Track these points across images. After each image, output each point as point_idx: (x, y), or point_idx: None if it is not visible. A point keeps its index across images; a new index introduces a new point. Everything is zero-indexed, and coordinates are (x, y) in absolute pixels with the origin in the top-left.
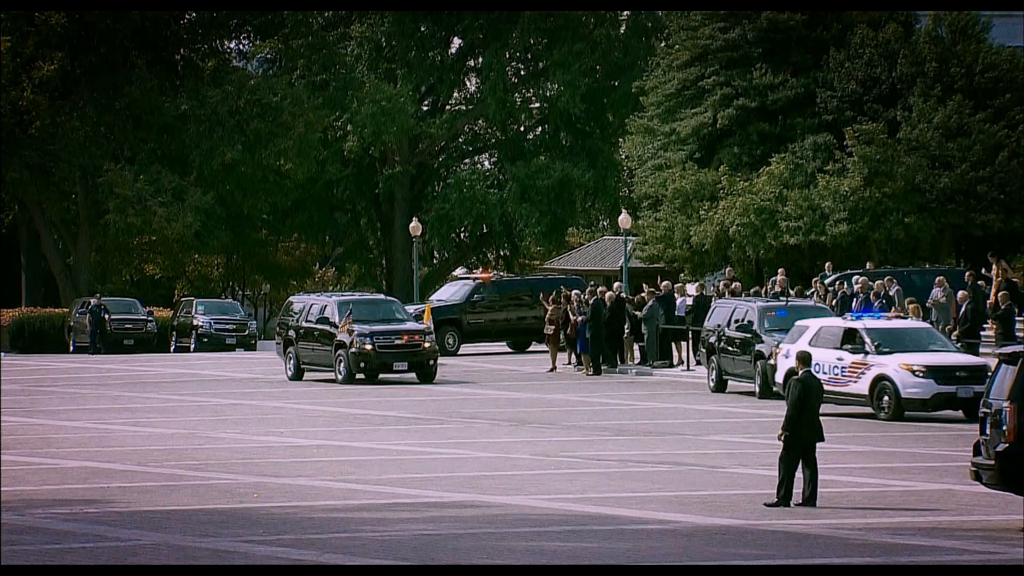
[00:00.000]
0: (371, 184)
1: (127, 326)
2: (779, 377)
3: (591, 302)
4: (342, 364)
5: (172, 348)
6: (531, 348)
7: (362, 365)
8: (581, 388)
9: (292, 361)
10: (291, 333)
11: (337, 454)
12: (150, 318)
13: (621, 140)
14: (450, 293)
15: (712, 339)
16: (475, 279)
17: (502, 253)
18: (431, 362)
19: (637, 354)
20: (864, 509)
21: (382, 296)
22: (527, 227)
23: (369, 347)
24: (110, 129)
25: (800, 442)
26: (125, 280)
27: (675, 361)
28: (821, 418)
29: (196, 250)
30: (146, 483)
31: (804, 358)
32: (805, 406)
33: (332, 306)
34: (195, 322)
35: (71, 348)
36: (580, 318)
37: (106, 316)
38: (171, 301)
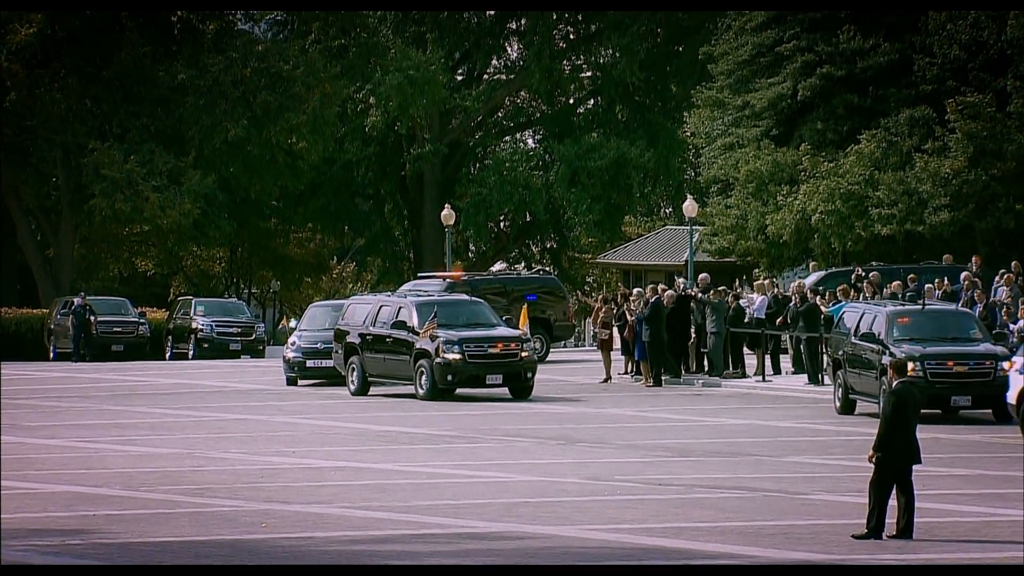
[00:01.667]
0: (397, 166)
1: (116, 329)
2: (1011, 396)
3: (650, 302)
4: (424, 377)
5: (167, 355)
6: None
7: (449, 378)
8: (639, 401)
9: (356, 373)
10: (354, 340)
11: (357, 477)
12: (142, 320)
13: (686, 115)
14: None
15: (839, 351)
16: (445, 278)
17: (548, 245)
18: (529, 375)
19: (689, 362)
20: (967, 542)
21: (467, 297)
22: (577, 215)
23: (457, 356)
24: (96, 102)
25: (894, 464)
26: (113, 276)
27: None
28: (919, 436)
29: (195, 242)
30: (137, 511)
31: (899, 366)
32: (900, 422)
33: (410, 308)
34: (194, 325)
35: (51, 355)
36: (630, 319)
37: (91, 318)
38: (166, 300)
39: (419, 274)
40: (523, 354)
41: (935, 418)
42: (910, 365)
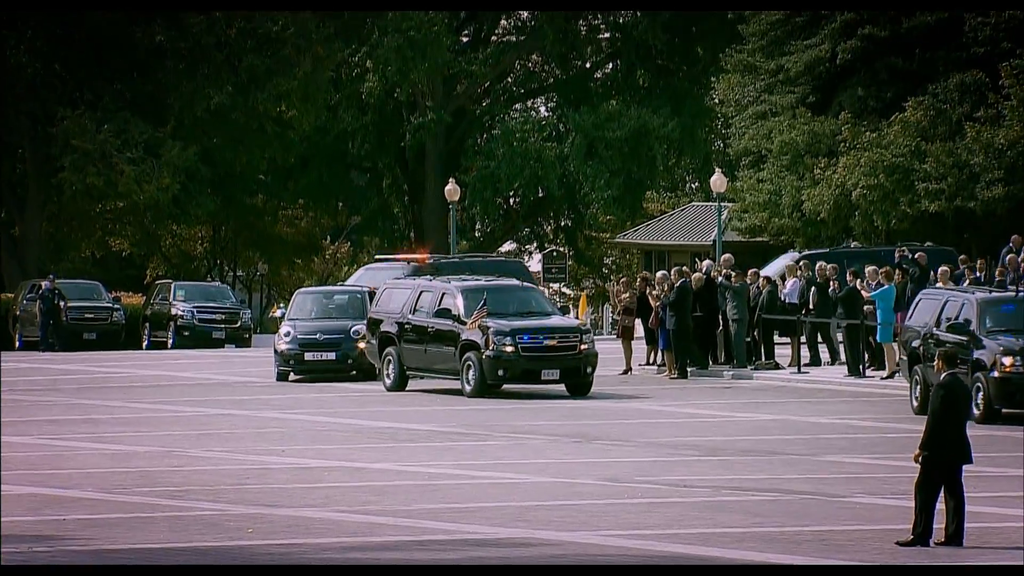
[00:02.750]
0: (396, 136)
1: (87, 316)
2: None
3: (676, 286)
4: (471, 371)
5: (144, 344)
6: None
7: (500, 373)
8: (662, 395)
9: (392, 366)
10: (390, 330)
11: (353, 478)
12: (116, 306)
13: (713, 80)
14: (384, 277)
15: (916, 343)
16: (410, 261)
17: (562, 224)
18: (588, 370)
19: (717, 352)
20: (1022, 550)
21: (517, 282)
22: (594, 191)
23: (510, 348)
24: (66, 66)
25: (942, 464)
26: (85, 257)
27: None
28: (969, 434)
29: (174, 219)
30: (111, 515)
31: (948, 356)
32: (949, 418)
33: (455, 295)
34: (174, 311)
35: (17, 343)
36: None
37: (61, 303)
38: (143, 284)
39: (377, 256)
40: (582, 347)
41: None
42: (1007, 360)
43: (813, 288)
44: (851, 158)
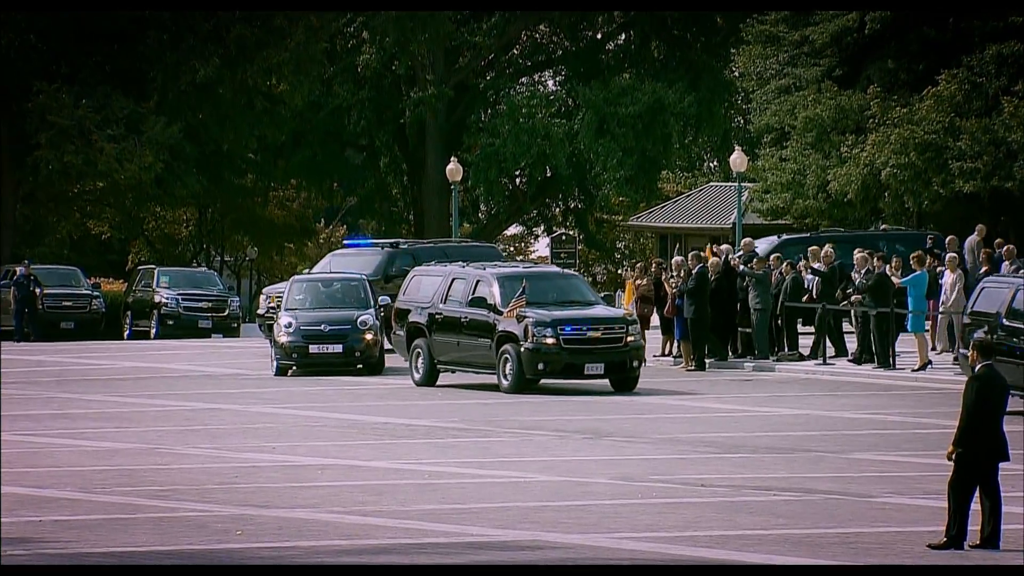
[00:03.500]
0: (394, 112)
1: (65, 304)
2: None
3: (694, 272)
4: (508, 365)
5: (126, 334)
6: None
7: (540, 367)
8: (678, 388)
9: (422, 359)
10: (420, 320)
11: (349, 476)
12: (96, 293)
13: (733, 52)
14: (358, 265)
15: (980, 333)
16: (383, 245)
17: (572, 206)
18: (635, 363)
19: (736, 343)
20: None
21: (557, 269)
22: (606, 170)
23: (551, 341)
24: (42, 37)
25: (977, 463)
26: (62, 241)
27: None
28: (1007, 430)
29: (158, 201)
30: (91, 516)
31: (984, 347)
32: (984, 413)
33: (491, 282)
34: (157, 298)
35: None
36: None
37: (37, 290)
38: (124, 270)
39: (345, 241)
40: (628, 338)
41: None
42: None
43: (816, 276)
44: (880, 135)
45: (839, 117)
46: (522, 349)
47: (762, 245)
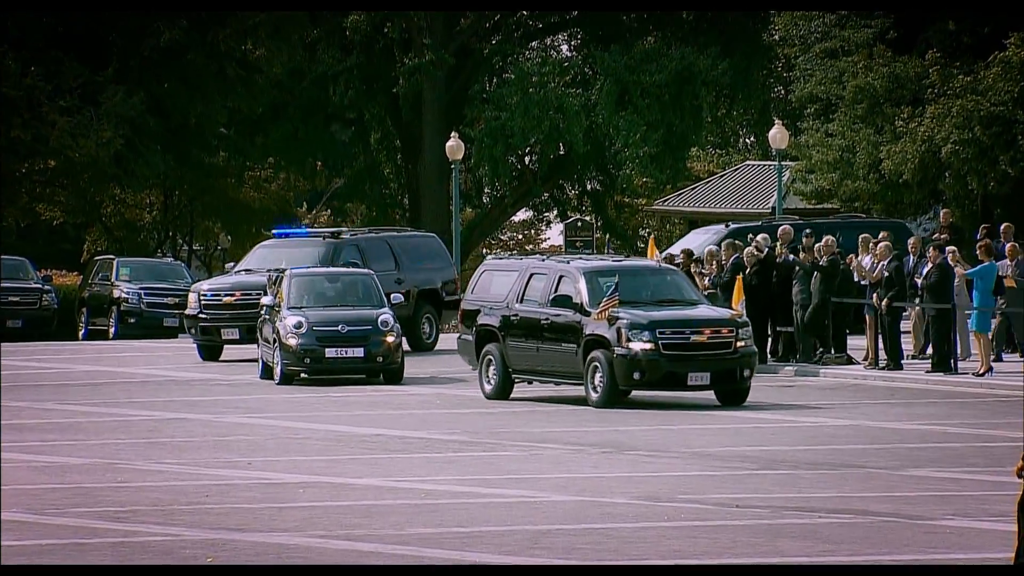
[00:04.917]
0: (387, 81)
1: (12, 299)
2: None
3: (729, 263)
4: (598, 374)
5: (81, 333)
6: None
7: (636, 376)
8: (709, 395)
9: (494, 367)
10: (491, 322)
11: (334, 496)
12: (47, 286)
13: (773, 13)
14: (293, 259)
15: None
16: (324, 236)
17: (589, 187)
18: (746, 372)
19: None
20: None
21: (653, 263)
22: (627, 147)
23: (648, 346)
24: None
25: None
26: (8, 228)
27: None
28: None
29: (117, 182)
30: (42, 541)
31: None
32: None
33: (576, 278)
34: (117, 293)
35: None
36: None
37: None
38: (80, 261)
39: (275, 231)
40: (739, 344)
41: None
42: None
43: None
44: (940, 107)
45: (893, 87)
46: (614, 356)
47: (700, 237)
